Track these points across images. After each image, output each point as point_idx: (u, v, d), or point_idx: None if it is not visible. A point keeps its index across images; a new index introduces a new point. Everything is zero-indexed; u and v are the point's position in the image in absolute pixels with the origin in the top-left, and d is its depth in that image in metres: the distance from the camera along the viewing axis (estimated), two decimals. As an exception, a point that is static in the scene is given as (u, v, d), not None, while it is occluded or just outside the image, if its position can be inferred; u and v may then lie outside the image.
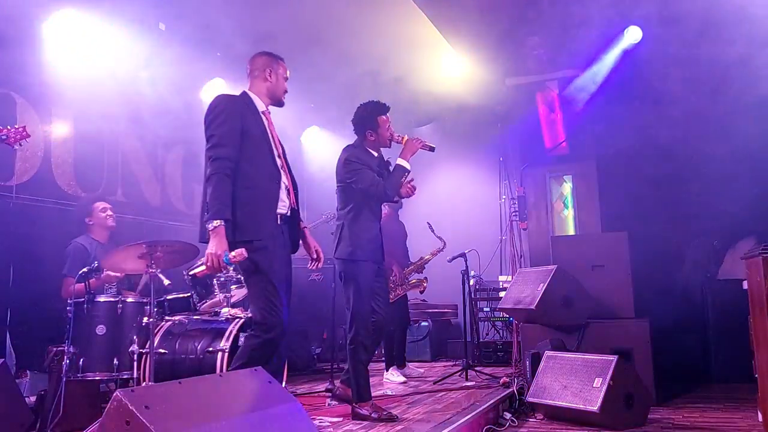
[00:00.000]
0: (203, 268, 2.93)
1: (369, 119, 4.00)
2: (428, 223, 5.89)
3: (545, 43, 5.73)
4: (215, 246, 2.86)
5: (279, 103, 3.35)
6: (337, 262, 3.97)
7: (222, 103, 3.10)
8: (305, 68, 6.18)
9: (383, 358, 5.88)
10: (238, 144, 3.02)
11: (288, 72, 3.36)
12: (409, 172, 3.91)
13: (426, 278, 5.92)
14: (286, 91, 3.35)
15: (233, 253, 2.86)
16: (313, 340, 6.90)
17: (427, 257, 5.89)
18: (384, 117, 4.01)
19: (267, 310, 2.94)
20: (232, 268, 4.32)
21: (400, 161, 3.91)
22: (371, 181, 3.84)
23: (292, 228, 3.27)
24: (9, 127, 3.53)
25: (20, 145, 3.60)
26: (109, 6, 5.15)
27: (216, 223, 2.87)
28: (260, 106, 3.24)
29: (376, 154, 4.08)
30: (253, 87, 3.28)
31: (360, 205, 3.91)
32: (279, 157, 3.20)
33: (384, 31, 5.92)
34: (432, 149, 3.98)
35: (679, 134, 6.17)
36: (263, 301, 2.96)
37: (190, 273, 2.86)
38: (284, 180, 3.19)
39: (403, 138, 3.97)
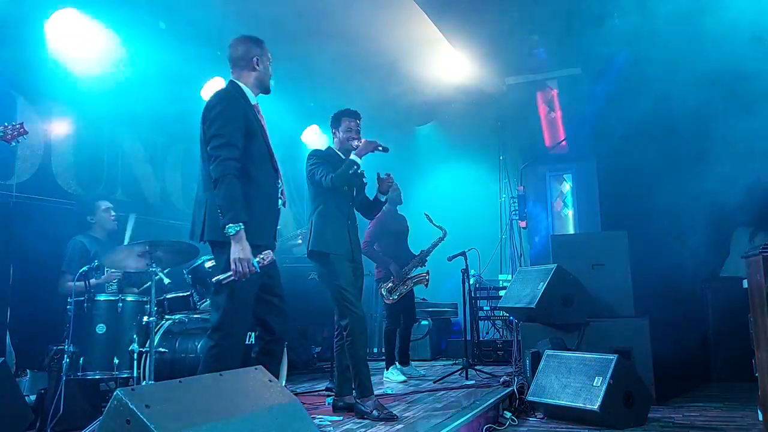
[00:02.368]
0: (230, 275, 2.81)
1: (335, 118, 4.16)
2: (425, 213, 5.91)
3: (545, 42, 5.72)
4: (241, 251, 2.79)
5: (267, 91, 3.23)
6: (312, 261, 3.99)
7: (225, 100, 3.01)
8: (305, 67, 6.18)
9: (383, 357, 5.90)
10: (242, 144, 2.94)
11: (270, 55, 3.23)
12: (358, 165, 3.87)
13: (428, 271, 5.93)
14: (271, 76, 3.24)
15: (261, 256, 2.84)
16: (312, 340, 6.90)
17: (428, 249, 5.92)
18: (348, 119, 4.11)
19: (231, 314, 2.88)
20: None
21: (352, 156, 3.91)
22: (321, 173, 3.91)
23: None
24: (6, 124, 3.50)
25: (18, 141, 3.55)
26: (109, 5, 5.14)
27: (237, 227, 2.79)
28: (252, 98, 3.13)
29: (344, 157, 4.11)
30: (240, 77, 3.14)
31: (327, 203, 3.97)
32: (273, 155, 3.15)
33: (384, 30, 5.92)
34: (386, 150, 4.00)
35: (679, 132, 6.17)
36: (232, 305, 2.89)
37: (215, 280, 2.80)
38: (280, 179, 3.17)
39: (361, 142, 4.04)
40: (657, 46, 5.71)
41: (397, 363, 5.73)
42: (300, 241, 6.19)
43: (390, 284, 5.69)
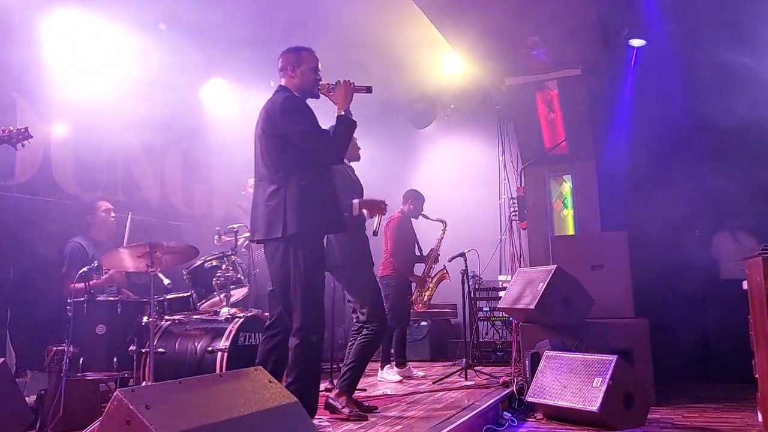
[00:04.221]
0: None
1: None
2: (422, 214, 6.08)
3: (545, 42, 5.72)
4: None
5: (313, 96, 3.45)
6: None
7: (292, 97, 3.31)
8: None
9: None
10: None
11: (318, 62, 3.44)
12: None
13: (444, 267, 6.13)
14: (318, 81, 3.43)
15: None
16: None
17: (437, 246, 6.13)
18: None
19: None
20: (231, 268, 4.34)
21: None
22: None
23: None
24: (12, 128, 3.57)
25: (23, 145, 3.62)
26: (109, 5, 5.14)
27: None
28: None
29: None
30: (287, 84, 3.40)
31: None
32: None
33: (384, 31, 5.92)
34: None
35: (679, 132, 6.17)
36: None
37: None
38: None
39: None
40: (659, 45, 5.73)
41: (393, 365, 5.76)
42: None
43: (414, 294, 5.86)
